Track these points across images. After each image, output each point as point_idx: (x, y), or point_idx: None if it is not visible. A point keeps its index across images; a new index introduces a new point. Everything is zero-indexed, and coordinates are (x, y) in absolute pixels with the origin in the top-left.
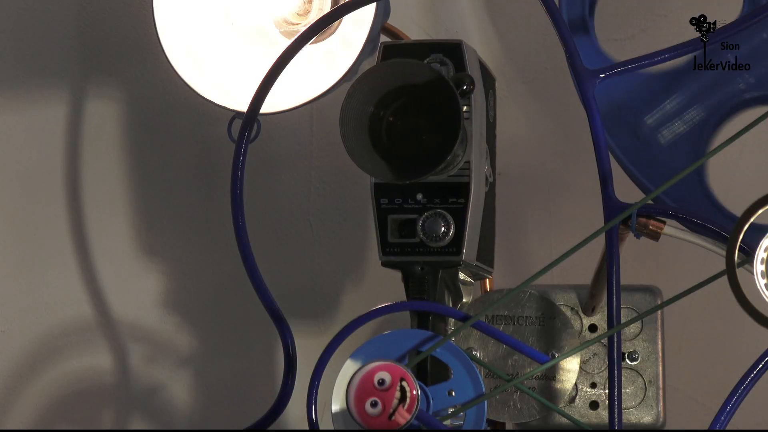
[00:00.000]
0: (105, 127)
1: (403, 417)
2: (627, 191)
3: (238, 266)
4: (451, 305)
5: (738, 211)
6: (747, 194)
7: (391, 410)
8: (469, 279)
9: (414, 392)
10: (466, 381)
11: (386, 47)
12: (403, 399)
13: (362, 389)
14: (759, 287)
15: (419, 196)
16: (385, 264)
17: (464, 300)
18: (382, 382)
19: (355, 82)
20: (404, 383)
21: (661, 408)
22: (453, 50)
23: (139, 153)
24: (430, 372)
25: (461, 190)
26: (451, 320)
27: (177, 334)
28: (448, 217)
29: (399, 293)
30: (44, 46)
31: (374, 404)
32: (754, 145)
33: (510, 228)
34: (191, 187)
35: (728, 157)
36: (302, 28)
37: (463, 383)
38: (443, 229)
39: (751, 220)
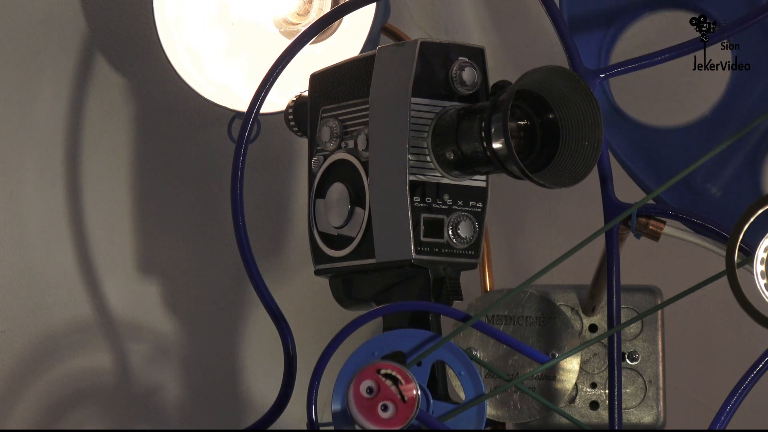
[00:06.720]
0: (105, 127)
1: (410, 389)
2: (627, 191)
3: (238, 266)
4: None
5: None
6: None
7: (399, 396)
8: None
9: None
10: (466, 381)
11: (423, 44)
12: (395, 380)
13: (364, 407)
14: (759, 287)
15: (446, 197)
16: (417, 263)
17: None
18: (370, 390)
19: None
20: (382, 370)
21: (661, 408)
22: (476, 55)
23: (138, 153)
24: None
25: (480, 194)
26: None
27: (177, 334)
28: (473, 219)
29: None
30: (44, 46)
31: (385, 408)
32: None
33: (510, 228)
34: (191, 187)
35: None
36: (302, 28)
37: (463, 383)
38: (473, 231)
39: (751, 220)
